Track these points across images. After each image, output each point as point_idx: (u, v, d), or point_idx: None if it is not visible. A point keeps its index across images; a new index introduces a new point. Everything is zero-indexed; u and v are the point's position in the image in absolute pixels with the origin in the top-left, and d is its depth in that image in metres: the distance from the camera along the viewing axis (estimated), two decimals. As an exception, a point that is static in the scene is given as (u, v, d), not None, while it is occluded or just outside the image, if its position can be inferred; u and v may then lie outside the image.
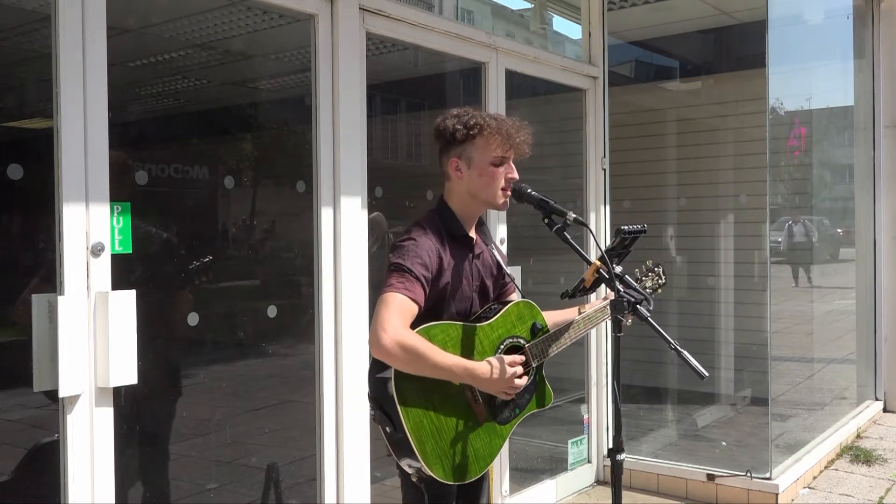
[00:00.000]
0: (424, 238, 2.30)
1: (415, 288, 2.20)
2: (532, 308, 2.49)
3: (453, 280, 2.34)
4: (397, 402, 2.15)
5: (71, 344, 2.40)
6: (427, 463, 2.17)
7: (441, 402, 2.23)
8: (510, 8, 5.43)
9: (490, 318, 2.37)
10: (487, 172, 2.38)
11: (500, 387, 2.26)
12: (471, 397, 2.29)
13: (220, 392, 3.50)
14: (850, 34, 6.87)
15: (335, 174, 3.33)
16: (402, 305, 2.17)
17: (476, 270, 2.44)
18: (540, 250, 5.39)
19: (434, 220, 2.39)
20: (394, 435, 2.19)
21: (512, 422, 2.39)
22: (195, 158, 3.23)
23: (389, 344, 2.10)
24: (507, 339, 2.39)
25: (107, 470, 2.53)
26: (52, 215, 2.43)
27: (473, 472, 2.28)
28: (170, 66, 3.62)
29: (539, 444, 5.03)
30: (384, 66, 4.26)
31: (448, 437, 2.22)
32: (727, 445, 5.47)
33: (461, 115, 2.39)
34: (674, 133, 6.75)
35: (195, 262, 3.15)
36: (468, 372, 2.21)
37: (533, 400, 2.45)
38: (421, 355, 2.13)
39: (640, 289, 2.56)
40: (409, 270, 2.21)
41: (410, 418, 2.16)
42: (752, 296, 6.11)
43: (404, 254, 2.25)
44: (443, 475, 2.20)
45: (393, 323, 2.13)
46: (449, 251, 2.35)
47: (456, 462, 2.23)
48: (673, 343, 2.14)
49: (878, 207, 6.84)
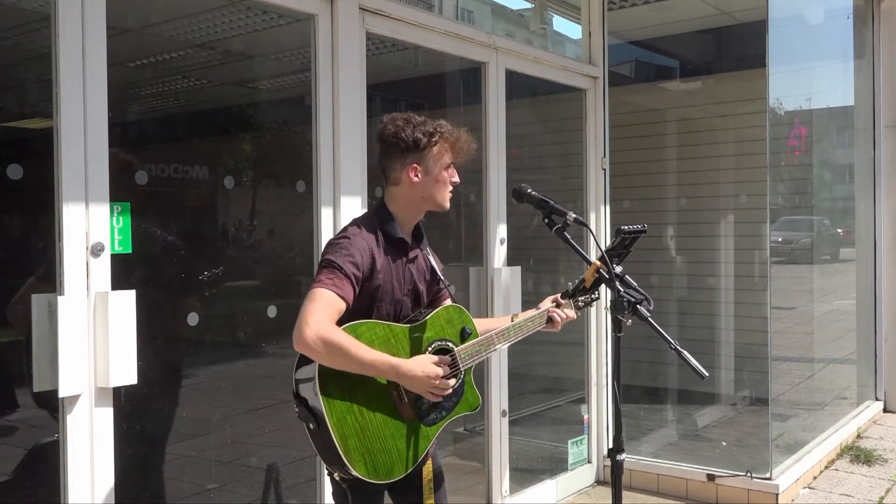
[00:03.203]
0: (359, 237, 2.31)
1: (343, 285, 2.20)
2: (462, 313, 2.50)
3: (385, 282, 2.35)
4: (320, 396, 2.14)
5: (71, 344, 2.40)
6: (350, 460, 2.16)
7: (366, 400, 2.22)
8: (510, 8, 5.43)
9: (419, 320, 2.39)
10: (441, 178, 2.42)
11: (425, 385, 2.25)
12: (396, 397, 2.28)
13: (220, 392, 3.50)
14: (850, 34, 6.87)
15: (335, 174, 3.33)
16: (329, 301, 2.17)
17: (409, 274, 2.45)
18: (540, 250, 5.40)
19: (372, 220, 2.41)
20: (317, 432, 2.18)
21: (438, 424, 2.39)
22: (195, 158, 3.23)
23: (311, 338, 2.09)
24: (436, 342, 2.39)
25: (107, 470, 2.53)
26: (52, 215, 2.43)
27: (398, 472, 2.26)
28: (170, 66, 3.62)
29: (539, 444, 5.03)
30: (384, 66, 4.27)
31: (372, 436, 2.21)
32: (727, 445, 5.47)
33: (419, 125, 2.40)
34: (674, 133, 6.76)
35: (205, 272, 3.15)
36: (393, 368, 2.21)
37: (460, 403, 2.45)
38: (344, 350, 2.12)
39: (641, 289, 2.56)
40: (340, 267, 2.22)
41: (334, 414, 2.15)
42: (752, 296, 6.11)
43: (337, 251, 2.26)
44: (365, 473, 2.18)
45: (317, 318, 2.12)
46: (383, 252, 2.36)
47: (379, 460, 2.21)
48: (673, 343, 2.15)
49: (878, 207, 6.84)
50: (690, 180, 6.51)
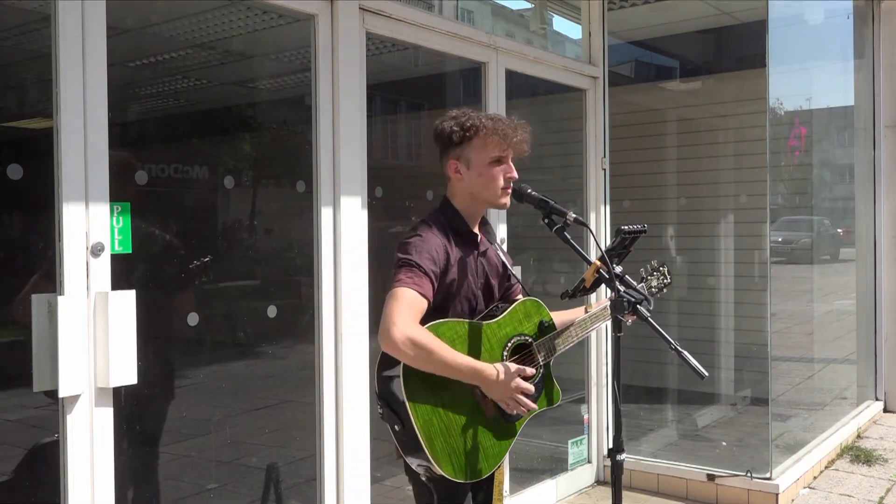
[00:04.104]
0: (431, 234, 2.31)
1: (424, 283, 2.20)
2: (539, 306, 2.49)
3: (459, 276, 2.34)
4: (406, 399, 2.14)
5: (71, 344, 2.40)
6: (436, 461, 2.16)
7: (449, 400, 2.22)
8: (510, 8, 5.43)
9: (497, 316, 2.37)
10: (486, 173, 2.39)
11: (505, 394, 2.25)
12: (479, 395, 2.28)
13: (220, 392, 3.50)
14: (850, 34, 6.87)
15: (335, 174, 3.33)
16: (412, 300, 2.16)
17: (481, 267, 2.44)
18: (540, 250, 5.40)
19: (438, 218, 2.40)
20: (402, 433, 2.19)
21: (521, 420, 2.38)
22: (195, 158, 3.23)
23: (400, 339, 2.09)
24: (515, 337, 2.38)
25: (107, 470, 2.53)
26: (52, 215, 2.43)
27: (484, 470, 2.27)
28: (170, 66, 3.62)
29: (539, 444, 5.03)
30: (384, 66, 4.26)
31: (457, 435, 2.21)
32: (727, 445, 5.47)
33: (458, 117, 2.40)
34: (674, 133, 6.75)
35: (195, 261, 3.15)
36: (476, 372, 2.21)
37: (542, 397, 2.45)
38: (431, 352, 2.12)
39: (642, 289, 2.56)
40: (418, 265, 2.21)
41: (419, 416, 2.15)
42: (752, 296, 6.11)
43: (412, 249, 2.25)
44: (452, 473, 2.19)
45: (403, 318, 2.12)
46: (455, 246, 2.35)
47: (465, 460, 2.22)
48: (673, 343, 2.15)
49: (878, 207, 6.84)
50: (690, 180, 6.51)
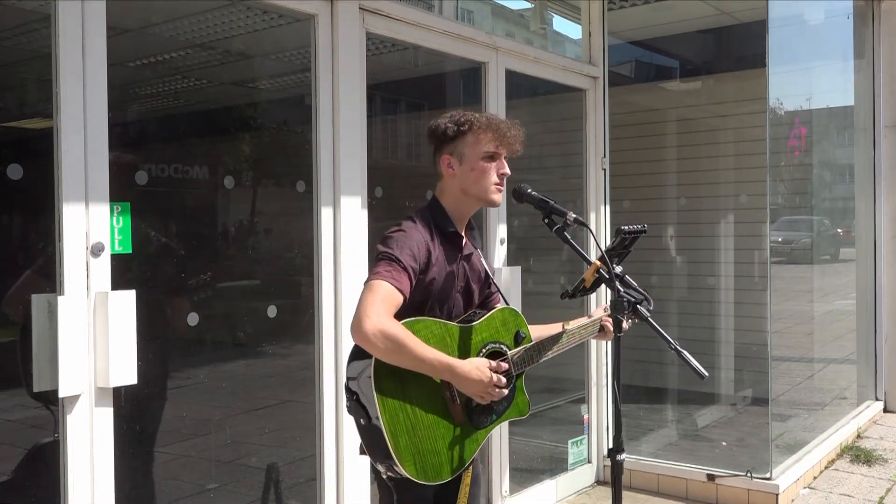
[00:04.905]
0: (414, 230, 2.30)
1: (402, 278, 2.18)
2: (517, 316, 2.48)
3: (440, 276, 2.32)
4: (375, 391, 2.11)
5: (71, 344, 2.40)
6: (399, 459, 2.12)
7: (418, 398, 2.19)
8: (510, 8, 5.43)
9: (474, 321, 2.36)
10: (479, 167, 2.39)
11: (479, 389, 2.22)
12: (449, 397, 2.25)
13: (220, 392, 3.50)
14: (850, 34, 6.87)
15: (335, 174, 3.33)
16: (387, 294, 2.15)
17: (463, 270, 2.43)
18: (540, 250, 5.40)
19: (425, 214, 2.39)
20: (367, 427, 2.15)
21: (487, 427, 2.36)
22: (195, 158, 3.24)
23: (372, 330, 2.07)
24: (490, 344, 2.37)
25: (107, 470, 2.53)
26: (51, 215, 2.43)
27: (446, 474, 2.23)
28: (170, 66, 3.62)
29: (539, 444, 5.03)
30: (384, 66, 4.26)
31: (423, 435, 2.18)
32: (727, 445, 5.47)
33: (452, 115, 2.42)
34: (674, 133, 6.75)
35: (194, 278, 3.14)
36: (449, 368, 2.18)
37: (510, 408, 2.43)
38: (402, 345, 2.10)
39: (641, 289, 2.56)
40: (398, 260, 2.20)
41: (386, 410, 2.12)
42: (752, 296, 6.11)
43: (393, 243, 2.24)
44: (414, 473, 2.15)
45: (377, 310, 2.10)
46: (438, 245, 2.34)
47: (428, 461, 2.18)
48: (673, 343, 2.14)
49: (878, 207, 6.84)
50: (690, 180, 6.51)
